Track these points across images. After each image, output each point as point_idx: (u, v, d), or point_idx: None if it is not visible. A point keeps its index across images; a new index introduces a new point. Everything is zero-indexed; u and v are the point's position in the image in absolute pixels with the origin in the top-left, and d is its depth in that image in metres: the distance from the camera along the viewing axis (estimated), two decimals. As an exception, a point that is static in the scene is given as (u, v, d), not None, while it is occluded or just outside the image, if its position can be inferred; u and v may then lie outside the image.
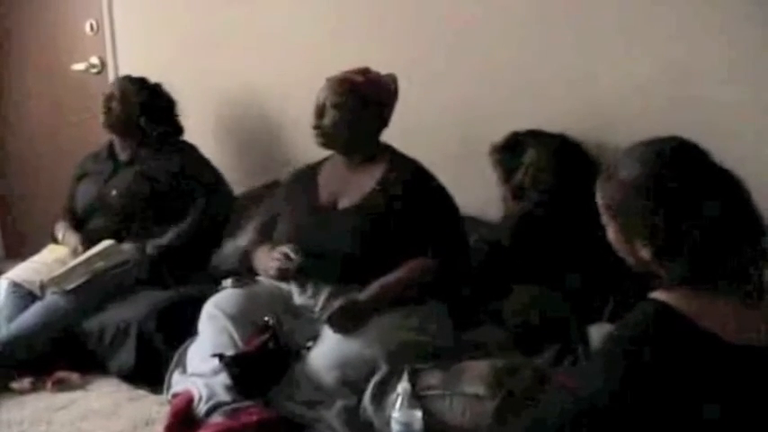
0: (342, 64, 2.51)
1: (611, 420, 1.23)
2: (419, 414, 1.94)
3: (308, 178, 2.57)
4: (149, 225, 3.00)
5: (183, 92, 3.27)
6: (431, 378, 2.10)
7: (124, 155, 3.16)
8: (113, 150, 3.19)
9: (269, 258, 2.40)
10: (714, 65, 2.41)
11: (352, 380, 2.14)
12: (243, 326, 2.29)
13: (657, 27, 2.50)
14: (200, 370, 2.27)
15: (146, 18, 3.69)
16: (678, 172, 1.33)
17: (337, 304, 2.23)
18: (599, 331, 2.15)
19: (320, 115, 2.44)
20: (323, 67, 2.53)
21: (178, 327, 2.53)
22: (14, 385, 2.61)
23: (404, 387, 1.95)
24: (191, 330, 2.43)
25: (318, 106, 2.44)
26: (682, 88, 2.46)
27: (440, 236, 2.37)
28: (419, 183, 2.42)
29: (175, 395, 2.30)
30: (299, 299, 2.41)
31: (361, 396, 2.12)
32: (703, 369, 1.23)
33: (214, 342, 2.29)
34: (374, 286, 2.28)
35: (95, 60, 3.83)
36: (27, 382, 2.62)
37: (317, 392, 2.15)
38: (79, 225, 3.09)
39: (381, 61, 2.51)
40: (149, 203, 3.02)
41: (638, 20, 2.53)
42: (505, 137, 2.64)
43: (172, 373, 2.42)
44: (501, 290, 2.45)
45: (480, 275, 2.48)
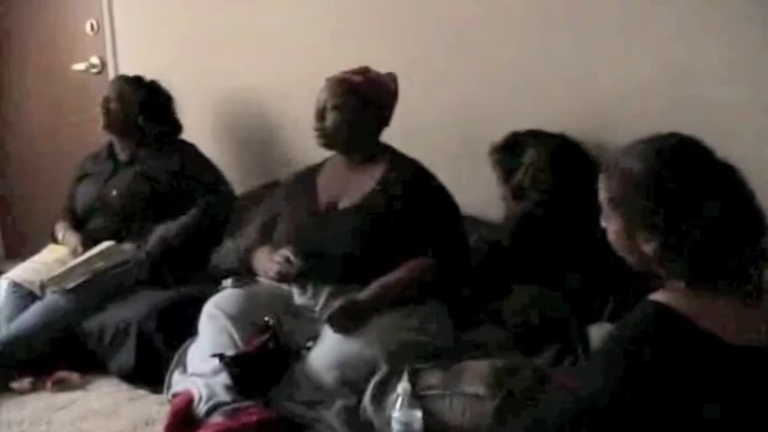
0: (342, 64, 2.51)
1: (611, 420, 1.23)
2: (419, 414, 1.94)
3: (307, 180, 2.57)
4: (149, 225, 2.99)
5: (183, 92, 3.27)
6: (431, 378, 2.09)
7: (124, 155, 3.16)
8: (113, 151, 3.19)
9: (269, 260, 2.40)
10: (714, 65, 2.41)
11: (352, 380, 2.13)
12: (243, 326, 2.29)
13: (657, 27, 2.50)
14: (201, 370, 2.27)
15: (146, 18, 3.69)
16: (678, 172, 1.33)
17: (337, 304, 2.23)
18: (599, 331, 2.15)
19: (321, 118, 2.44)
20: (323, 67, 2.53)
21: (178, 327, 2.53)
22: (14, 385, 2.61)
23: (404, 387, 1.95)
24: (191, 330, 2.43)
25: (319, 109, 2.44)
26: (682, 88, 2.46)
27: (440, 236, 2.36)
28: (419, 183, 2.42)
29: (175, 395, 2.29)
30: (299, 299, 2.41)
31: (361, 396, 2.12)
32: (703, 369, 1.23)
33: (214, 342, 2.29)
34: (374, 286, 2.28)
35: (95, 60, 3.83)
36: (27, 381, 2.62)
37: (316, 392, 2.15)
38: (79, 225, 3.09)
39: (381, 61, 2.51)
40: (149, 203, 3.02)
41: (638, 20, 2.53)
42: (505, 137, 2.64)
43: (172, 373, 2.42)
44: (501, 290, 2.45)
45: (480, 275, 2.47)
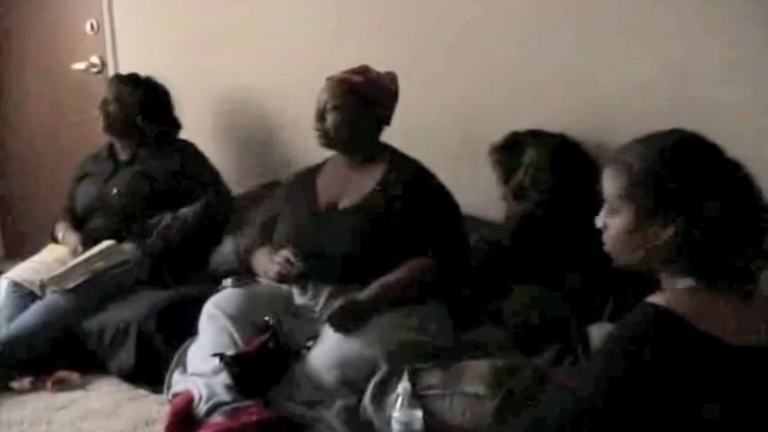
0: (342, 64, 2.51)
1: (611, 420, 1.23)
2: (419, 414, 1.94)
3: (307, 180, 2.57)
4: (149, 224, 2.99)
5: (183, 91, 3.27)
6: (431, 378, 2.09)
7: (124, 154, 3.16)
8: (113, 151, 3.19)
9: (269, 261, 2.40)
10: (714, 65, 2.41)
11: (352, 379, 2.13)
12: (243, 326, 2.29)
13: (657, 27, 2.50)
14: (201, 370, 2.27)
15: (146, 17, 3.69)
16: (678, 172, 1.33)
17: (337, 304, 2.23)
18: (599, 331, 2.15)
19: (321, 118, 2.44)
20: (323, 67, 2.53)
21: (178, 327, 2.53)
22: (14, 385, 2.61)
23: (404, 387, 1.95)
24: (191, 330, 2.43)
25: (319, 109, 2.44)
26: (682, 88, 2.46)
27: (440, 236, 2.37)
28: (419, 182, 2.42)
29: (176, 395, 2.29)
30: (299, 299, 2.41)
31: (362, 396, 2.12)
32: (703, 370, 1.23)
33: (214, 342, 2.29)
34: (374, 286, 2.28)
35: (96, 60, 3.83)
36: (27, 381, 2.62)
37: (317, 392, 2.15)
38: (79, 225, 3.09)
39: (381, 61, 2.51)
40: (149, 203, 3.01)
41: (638, 20, 2.53)
42: (505, 137, 2.64)
43: (172, 373, 2.42)
44: (501, 290, 2.45)
45: (480, 275, 2.47)
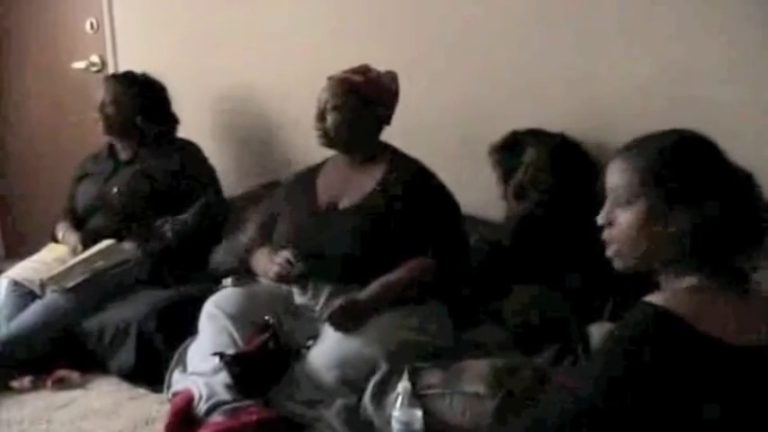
0: (342, 64, 2.51)
1: (611, 420, 1.23)
2: (419, 413, 1.94)
3: (307, 180, 2.57)
4: (150, 224, 2.99)
5: (182, 91, 3.27)
6: (431, 377, 2.10)
7: (125, 154, 3.16)
8: (114, 150, 3.19)
9: (269, 262, 2.40)
10: (714, 65, 2.41)
11: (352, 379, 2.14)
12: (243, 325, 2.29)
13: (657, 27, 2.50)
14: (201, 369, 2.27)
15: (146, 17, 3.69)
16: (678, 172, 1.33)
17: (338, 303, 2.23)
18: (599, 331, 2.15)
19: (321, 118, 2.44)
20: (323, 67, 2.53)
21: (178, 326, 2.53)
22: (14, 384, 2.61)
23: (404, 386, 1.95)
24: (191, 330, 2.43)
25: (319, 109, 2.45)
26: (682, 88, 2.46)
27: (440, 235, 2.37)
28: (419, 182, 2.42)
29: (175, 394, 2.29)
30: (299, 299, 2.41)
31: (361, 395, 2.12)
32: (703, 369, 1.23)
33: (214, 341, 2.29)
34: (374, 286, 2.28)
35: (96, 59, 3.83)
36: (27, 381, 2.62)
37: (317, 392, 2.15)
38: (80, 225, 3.08)
39: (381, 61, 2.51)
40: (149, 202, 3.01)
41: (638, 20, 2.53)
42: (505, 136, 2.64)
43: (172, 372, 2.42)
44: (501, 290, 2.45)
45: (480, 275, 2.48)
